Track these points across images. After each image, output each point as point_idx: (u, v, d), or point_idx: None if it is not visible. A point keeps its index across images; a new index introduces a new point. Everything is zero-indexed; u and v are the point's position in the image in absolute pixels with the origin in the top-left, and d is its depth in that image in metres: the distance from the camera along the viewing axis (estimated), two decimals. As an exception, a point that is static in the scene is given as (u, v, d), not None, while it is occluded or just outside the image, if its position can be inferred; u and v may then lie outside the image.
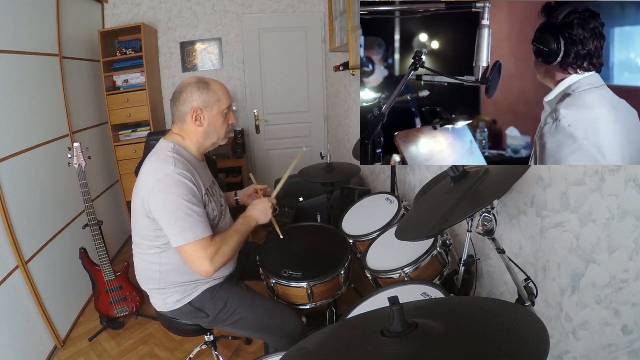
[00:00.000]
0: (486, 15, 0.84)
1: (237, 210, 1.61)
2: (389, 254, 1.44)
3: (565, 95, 0.75)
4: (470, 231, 1.23)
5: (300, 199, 2.29)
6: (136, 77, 3.22)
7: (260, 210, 1.42)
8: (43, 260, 2.05)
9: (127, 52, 3.20)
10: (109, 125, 3.15)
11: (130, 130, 3.29)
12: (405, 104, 0.95)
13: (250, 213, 1.41)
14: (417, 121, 0.95)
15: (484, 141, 0.95)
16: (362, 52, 0.93)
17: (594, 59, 0.73)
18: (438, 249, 1.31)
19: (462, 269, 1.25)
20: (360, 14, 0.91)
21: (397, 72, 0.96)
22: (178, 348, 2.06)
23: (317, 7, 3.79)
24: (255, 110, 3.91)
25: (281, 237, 1.58)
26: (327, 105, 4.03)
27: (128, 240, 3.35)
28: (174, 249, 1.23)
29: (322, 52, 3.88)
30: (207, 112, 1.26)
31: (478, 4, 0.85)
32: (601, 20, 0.72)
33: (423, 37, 0.92)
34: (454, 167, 0.98)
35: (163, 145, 1.27)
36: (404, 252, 1.37)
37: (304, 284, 1.38)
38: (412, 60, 0.88)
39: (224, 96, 1.30)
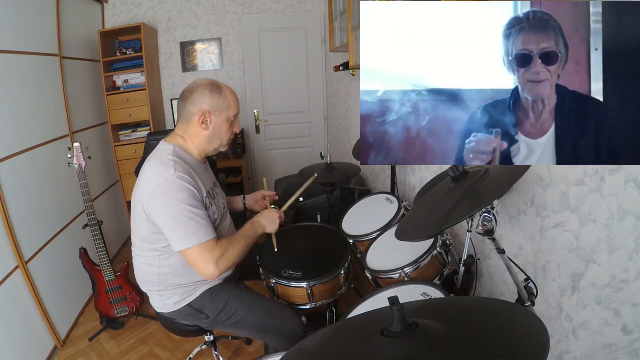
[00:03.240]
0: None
1: (243, 214, 1.61)
2: (389, 254, 1.44)
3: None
4: (470, 231, 1.23)
5: (300, 199, 2.29)
6: (136, 77, 3.22)
7: (269, 219, 1.42)
8: (43, 260, 2.05)
9: (127, 52, 3.20)
10: (109, 125, 3.15)
11: (130, 130, 3.29)
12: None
13: (258, 219, 1.41)
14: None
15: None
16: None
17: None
18: (438, 249, 1.31)
19: (462, 269, 1.24)
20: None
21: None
22: (178, 348, 2.06)
23: (317, 7, 3.79)
24: (255, 110, 3.91)
25: (275, 249, 1.53)
26: (327, 105, 4.03)
27: (128, 240, 3.35)
28: (172, 252, 1.23)
29: (322, 52, 3.88)
30: (214, 117, 1.26)
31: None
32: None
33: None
34: (454, 167, 0.98)
35: (163, 148, 1.25)
36: (404, 252, 1.37)
37: (304, 284, 1.38)
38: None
39: (234, 104, 1.29)
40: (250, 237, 1.34)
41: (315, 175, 1.71)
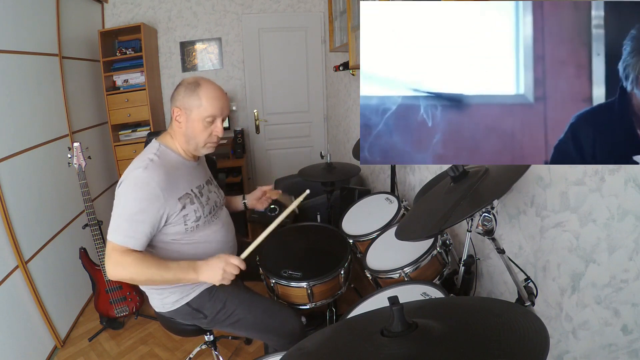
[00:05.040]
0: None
1: (243, 215, 1.60)
2: (389, 254, 1.44)
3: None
4: (470, 231, 1.23)
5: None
6: (136, 77, 3.22)
7: (211, 270, 1.20)
8: (43, 260, 2.05)
9: (127, 52, 3.20)
10: (109, 125, 3.15)
11: (130, 130, 3.29)
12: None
13: (200, 264, 1.20)
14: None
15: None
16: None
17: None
18: (438, 249, 1.31)
19: (462, 269, 1.24)
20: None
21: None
22: (178, 348, 2.06)
23: (317, 7, 3.79)
24: (255, 110, 3.91)
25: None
26: (327, 105, 4.03)
27: (128, 240, 3.35)
28: (171, 250, 1.24)
29: (322, 52, 3.88)
30: (186, 115, 1.24)
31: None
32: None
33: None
34: (454, 167, 0.98)
35: (150, 146, 1.28)
36: (404, 252, 1.37)
37: (304, 284, 1.38)
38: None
39: (209, 104, 1.22)
40: (171, 274, 1.17)
41: (308, 191, 1.40)
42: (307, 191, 1.40)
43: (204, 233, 1.31)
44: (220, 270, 1.19)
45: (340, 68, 2.89)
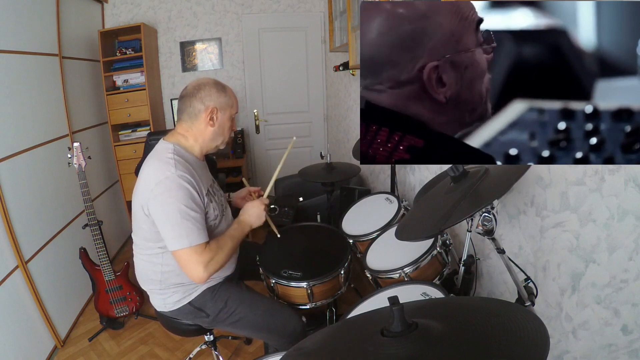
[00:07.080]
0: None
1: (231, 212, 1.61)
2: (389, 254, 1.44)
3: None
4: (470, 231, 1.23)
5: (300, 199, 2.29)
6: (136, 77, 3.22)
7: (253, 215, 1.39)
8: (43, 260, 2.05)
9: (127, 52, 3.20)
10: (109, 125, 3.15)
11: (130, 130, 3.29)
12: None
13: (242, 218, 1.39)
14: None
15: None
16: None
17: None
18: (438, 249, 1.31)
19: (462, 269, 1.24)
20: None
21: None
22: (178, 348, 2.06)
23: (317, 7, 3.79)
24: (255, 110, 3.91)
25: (278, 236, 1.56)
26: (327, 105, 4.03)
27: (128, 240, 3.35)
28: None
29: (322, 52, 3.88)
30: (221, 114, 1.29)
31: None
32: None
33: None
34: (454, 167, 0.98)
35: (163, 147, 1.26)
36: (404, 252, 1.37)
37: (304, 284, 1.38)
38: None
39: (236, 103, 1.35)
40: (238, 238, 1.33)
41: (294, 138, 1.68)
42: (294, 138, 1.68)
43: (218, 231, 1.32)
44: (262, 211, 1.40)
45: (340, 68, 2.89)
